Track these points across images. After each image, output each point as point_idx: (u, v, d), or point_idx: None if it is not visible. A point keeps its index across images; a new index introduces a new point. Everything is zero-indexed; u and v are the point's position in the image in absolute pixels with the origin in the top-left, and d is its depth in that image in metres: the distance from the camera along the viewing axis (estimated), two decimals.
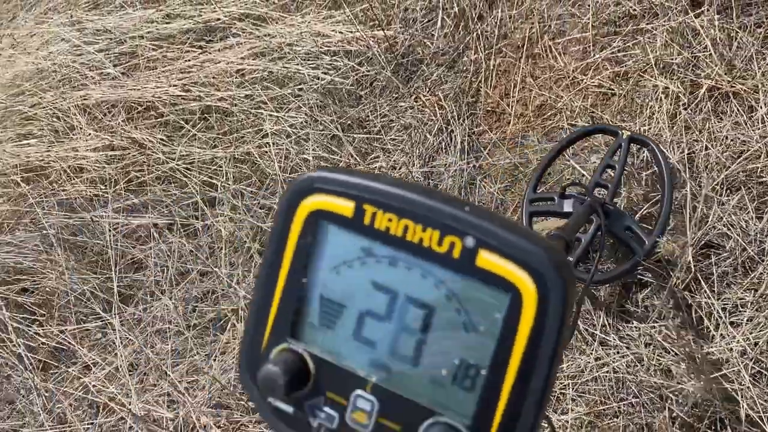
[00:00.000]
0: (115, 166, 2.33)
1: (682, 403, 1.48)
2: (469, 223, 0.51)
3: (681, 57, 1.89)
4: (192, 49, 2.56)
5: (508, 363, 0.51)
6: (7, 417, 1.84)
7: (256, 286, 0.59)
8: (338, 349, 0.57)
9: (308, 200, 0.56)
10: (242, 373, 0.60)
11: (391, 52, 2.24)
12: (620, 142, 1.71)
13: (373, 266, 0.55)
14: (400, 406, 0.55)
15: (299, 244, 0.56)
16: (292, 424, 0.58)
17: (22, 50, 2.80)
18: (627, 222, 1.65)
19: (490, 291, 0.51)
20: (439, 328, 0.53)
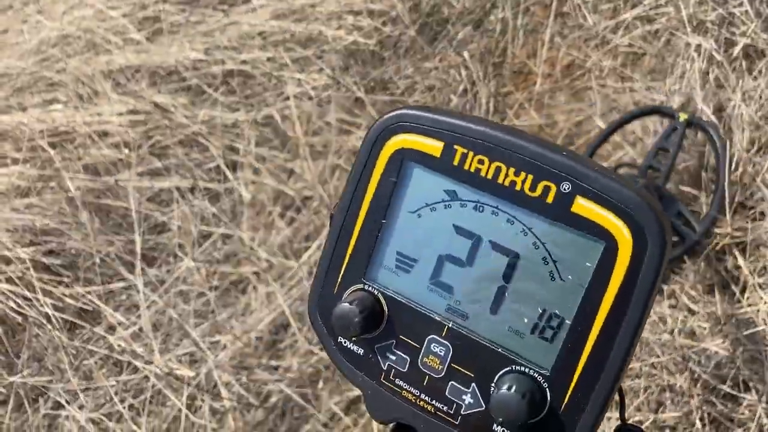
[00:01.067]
0: (139, 131, 2.33)
1: (704, 364, 1.44)
2: (567, 168, 0.49)
3: (715, 14, 1.83)
4: (215, 13, 2.55)
5: (596, 316, 0.49)
6: (35, 374, 1.87)
7: (332, 224, 0.57)
8: (414, 292, 0.55)
9: (394, 139, 0.54)
10: (312, 312, 0.59)
11: (415, 12, 2.20)
12: (676, 125, 1.64)
13: (457, 210, 0.53)
14: (475, 353, 0.53)
15: (381, 183, 0.55)
16: (361, 365, 0.57)
17: (47, 16, 2.80)
18: (678, 207, 1.61)
19: (584, 239, 0.49)
20: (523, 276, 0.52)
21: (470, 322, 0.54)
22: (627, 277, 0.48)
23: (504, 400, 0.50)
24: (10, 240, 2.07)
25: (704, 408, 1.44)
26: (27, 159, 2.35)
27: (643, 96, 1.87)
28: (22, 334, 1.96)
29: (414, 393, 0.56)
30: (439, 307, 0.55)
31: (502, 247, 0.52)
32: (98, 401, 1.81)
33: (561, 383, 0.51)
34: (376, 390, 0.57)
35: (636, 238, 0.47)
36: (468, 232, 0.53)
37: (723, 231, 1.57)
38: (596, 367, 0.49)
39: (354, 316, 0.54)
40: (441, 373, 0.55)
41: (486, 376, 0.53)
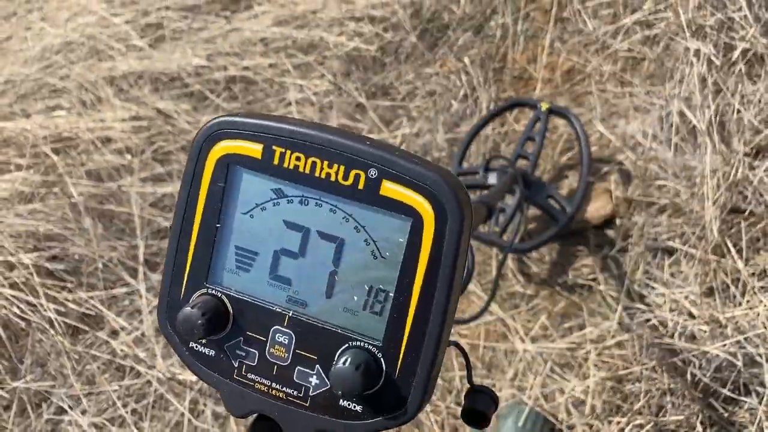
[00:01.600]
0: (141, 136, 2.35)
1: (704, 367, 1.45)
2: (371, 156, 0.54)
3: (714, 18, 1.83)
4: (217, 19, 2.56)
5: (413, 285, 0.54)
6: (38, 379, 1.88)
7: (171, 234, 0.60)
8: (256, 289, 0.58)
9: (218, 145, 0.57)
10: (161, 321, 0.61)
11: (416, 18, 2.21)
12: (539, 114, 1.75)
13: (284, 206, 0.57)
14: (315, 337, 0.57)
15: (211, 189, 0.58)
16: (213, 366, 0.59)
17: (51, 23, 2.82)
18: (549, 191, 1.72)
19: (394, 218, 0.54)
20: (350, 260, 0.56)
21: (309, 309, 0.57)
22: (434, 246, 0.53)
23: (340, 373, 0.53)
24: (14, 245, 2.09)
25: (705, 411, 1.45)
26: (30, 165, 2.36)
27: (643, 101, 1.88)
28: (25, 339, 1.96)
29: (266, 383, 0.58)
30: (280, 299, 0.58)
31: (328, 235, 0.56)
32: (101, 406, 1.82)
33: (392, 352, 0.55)
34: (230, 387, 0.59)
35: (437, 212, 0.52)
36: (297, 225, 0.57)
37: (705, 227, 1.57)
38: (420, 332, 0.54)
39: (197, 319, 0.56)
40: (287, 361, 0.58)
41: (327, 356, 0.57)
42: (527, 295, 1.78)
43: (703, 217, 1.62)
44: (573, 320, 1.71)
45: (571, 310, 1.73)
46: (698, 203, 1.66)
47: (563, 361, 1.66)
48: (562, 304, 1.74)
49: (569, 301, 1.74)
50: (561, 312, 1.74)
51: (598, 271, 1.74)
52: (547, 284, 1.78)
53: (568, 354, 1.66)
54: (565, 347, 1.66)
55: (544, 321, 1.72)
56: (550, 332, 1.71)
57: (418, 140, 2.05)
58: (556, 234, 1.68)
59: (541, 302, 1.76)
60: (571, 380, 1.61)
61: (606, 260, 1.75)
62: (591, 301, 1.72)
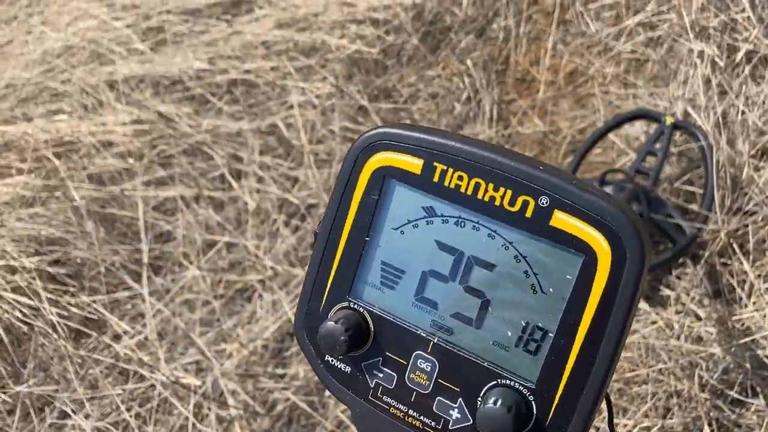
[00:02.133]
0: (143, 140, 2.34)
1: (712, 369, 1.44)
2: (544, 182, 0.50)
3: (718, 20, 1.83)
4: (218, 23, 2.56)
5: (578, 327, 0.49)
6: (41, 383, 1.87)
7: (316, 242, 0.57)
8: (399, 308, 0.56)
9: (375, 157, 0.54)
10: (299, 331, 0.59)
11: (418, 20, 2.21)
12: (663, 128, 1.66)
13: (438, 226, 0.54)
14: (461, 368, 0.54)
15: (363, 201, 0.55)
16: (348, 383, 0.57)
17: (52, 27, 2.82)
18: (668, 210, 1.62)
19: (563, 252, 0.50)
20: (505, 290, 0.52)
21: (455, 337, 0.54)
22: (607, 288, 0.48)
23: (490, 414, 0.50)
24: (16, 250, 2.08)
25: (712, 414, 1.44)
26: (32, 169, 2.35)
27: (647, 102, 1.88)
28: (27, 344, 1.96)
29: (402, 409, 0.56)
30: (424, 323, 0.55)
31: (483, 262, 0.53)
32: (104, 410, 1.81)
33: (546, 395, 0.51)
34: (364, 408, 0.57)
35: (615, 250, 0.48)
36: (450, 248, 0.54)
37: (716, 230, 1.57)
38: (581, 379, 0.50)
39: (340, 335, 0.54)
40: (428, 389, 0.55)
41: (472, 390, 0.53)
42: None
43: (709, 218, 1.61)
44: None
45: None
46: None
47: None
48: None
49: None
50: None
51: None
52: None
53: None
54: None
55: None
56: None
57: None
58: (673, 256, 1.59)
59: None
60: None
61: None
62: None
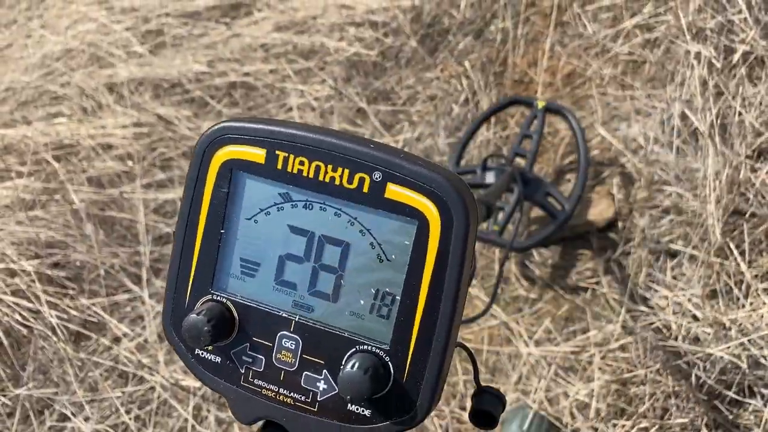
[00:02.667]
0: (143, 143, 2.35)
1: (709, 370, 1.45)
2: (376, 159, 0.53)
3: (714, 21, 1.84)
4: (217, 26, 2.57)
5: (420, 287, 0.54)
6: (41, 386, 1.88)
7: (174, 240, 0.59)
8: (261, 294, 0.58)
9: (221, 150, 0.56)
10: (166, 327, 0.61)
11: (417, 23, 2.22)
12: (536, 112, 1.75)
13: (289, 211, 0.56)
14: (322, 341, 0.57)
15: (215, 195, 0.57)
16: (220, 373, 0.59)
17: (51, 30, 2.83)
18: (547, 189, 1.70)
19: (399, 221, 0.54)
20: (356, 263, 0.56)
21: (315, 314, 0.57)
22: (440, 248, 0.53)
23: (348, 378, 0.53)
24: (15, 253, 2.08)
25: (710, 414, 1.45)
26: (32, 172, 2.36)
27: (644, 104, 1.89)
28: (27, 347, 1.96)
29: (273, 389, 0.58)
30: (286, 305, 0.58)
31: (334, 239, 0.56)
32: (104, 413, 1.82)
33: (400, 355, 0.55)
34: (238, 393, 0.59)
35: (442, 214, 0.52)
36: (302, 230, 0.56)
37: (708, 230, 1.57)
38: (428, 335, 0.54)
39: (203, 326, 0.55)
40: (294, 366, 0.57)
41: (335, 360, 0.56)
42: (531, 299, 1.78)
43: (706, 219, 1.62)
44: (577, 324, 1.71)
45: (574, 314, 1.73)
46: (700, 206, 1.66)
47: (567, 365, 1.66)
48: (565, 308, 1.74)
49: (573, 305, 1.74)
50: (564, 315, 1.73)
51: (601, 275, 1.75)
52: (551, 288, 1.78)
53: (572, 357, 1.66)
54: (569, 351, 1.66)
55: (548, 325, 1.72)
56: (553, 336, 1.71)
57: (420, 144, 2.06)
58: (555, 231, 1.68)
59: (544, 306, 1.76)
60: (575, 384, 1.61)
61: (609, 263, 1.75)
62: (594, 305, 1.72)
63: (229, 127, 0.56)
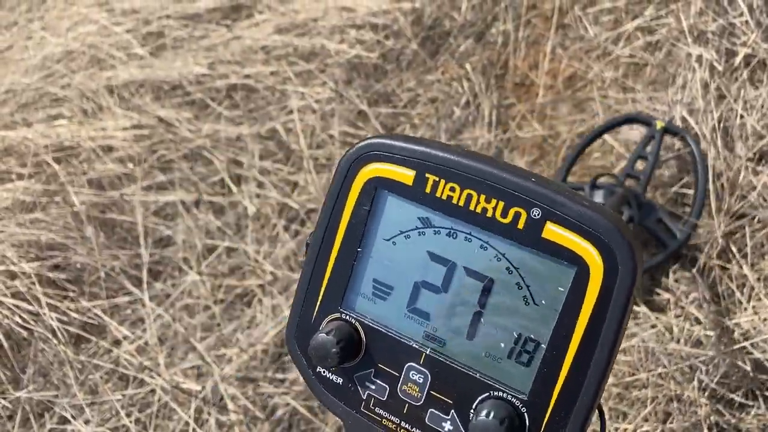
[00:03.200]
0: (143, 145, 2.34)
1: (711, 373, 1.44)
2: (536, 194, 0.50)
3: (716, 24, 1.84)
4: (218, 28, 2.57)
5: (570, 339, 0.49)
6: (41, 388, 1.87)
7: (308, 252, 0.57)
8: (391, 320, 0.56)
9: (367, 167, 0.54)
10: (290, 342, 0.59)
11: (417, 25, 2.22)
12: (653, 132, 1.66)
13: (431, 237, 0.53)
14: (453, 380, 0.53)
15: (355, 212, 0.55)
16: (340, 395, 0.57)
17: (52, 32, 2.83)
18: (659, 214, 1.62)
19: (555, 263, 0.50)
20: (498, 302, 0.52)
21: (448, 349, 0.54)
22: (599, 300, 0.48)
23: (483, 426, 0.50)
24: (16, 255, 2.08)
25: (712, 418, 1.44)
26: (32, 174, 2.36)
27: (645, 107, 1.88)
28: (27, 349, 1.96)
29: (394, 421, 0.56)
30: (417, 334, 0.55)
31: (476, 273, 0.53)
32: (104, 416, 1.81)
33: (539, 407, 0.51)
34: (356, 419, 0.57)
35: (606, 262, 0.48)
36: (442, 259, 0.53)
37: (711, 232, 1.57)
38: (573, 391, 0.50)
39: (332, 347, 0.54)
40: (420, 401, 0.55)
41: (465, 402, 0.53)
42: None
43: (708, 222, 1.62)
44: None
45: None
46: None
47: None
48: None
49: None
50: None
51: None
52: None
53: None
54: None
55: None
56: None
57: None
58: (665, 259, 1.60)
59: None
60: None
61: None
62: None
63: (378, 144, 0.54)
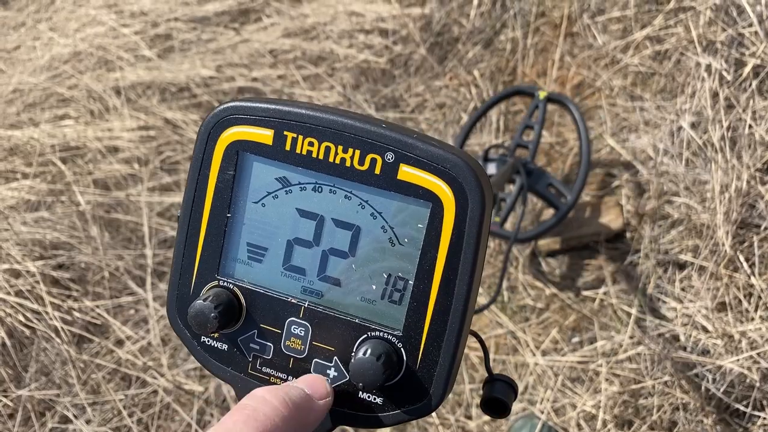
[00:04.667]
0: (149, 146, 2.35)
1: (718, 382, 1.43)
2: (388, 139, 0.52)
3: (725, 35, 1.84)
4: (226, 31, 2.57)
5: (434, 271, 0.52)
6: (43, 387, 1.86)
7: (179, 225, 0.57)
8: (269, 280, 0.56)
9: (227, 132, 0.55)
10: (171, 315, 0.59)
11: (426, 31, 2.22)
12: (537, 102, 1.73)
13: (297, 194, 0.55)
14: (333, 327, 0.55)
15: (220, 178, 0.55)
16: (227, 361, 0.58)
17: (60, 33, 2.83)
18: (548, 180, 1.69)
19: (412, 203, 0.52)
20: (367, 247, 0.54)
21: (325, 299, 0.55)
22: (455, 232, 0.51)
23: (361, 365, 0.51)
24: (20, 253, 2.08)
25: (718, 427, 1.43)
26: (37, 174, 2.36)
27: (654, 115, 1.88)
28: (30, 348, 1.95)
29: (281, 377, 0.57)
30: (295, 290, 0.56)
31: (344, 223, 0.54)
32: (106, 415, 1.80)
33: (413, 341, 0.53)
34: (245, 382, 0.58)
35: (457, 196, 0.50)
36: (311, 214, 0.55)
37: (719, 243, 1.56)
38: (441, 321, 0.52)
39: (209, 312, 0.54)
40: (304, 353, 0.56)
41: (345, 347, 0.55)
42: (538, 308, 1.77)
43: (715, 231, 1.61)
44: (584, 334, 1.70)
45: (582, 324, 1.72)
46: (710, 217, 1.65)
47: (574, 375, 1.64)
48: (573, 318, 1.73)
49: (580, 315, 1.73)
50: (572, 325, 1.73)
51: (609, 285, 1.74)
52: (558, 298, 1.77)
53: (579, 368, 1.65)
54: (576, 361, 1.65)
55: (555, 334, 1.71)
56: (560, 346, 1.70)
57: None
58: (557, 222, 1.66)
59: (551, 315, 1.75)
60: (582, 394, 1.60)
61: (617, 274, 1.75)
62: (602, 315, 1.71)
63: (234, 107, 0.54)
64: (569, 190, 1.67)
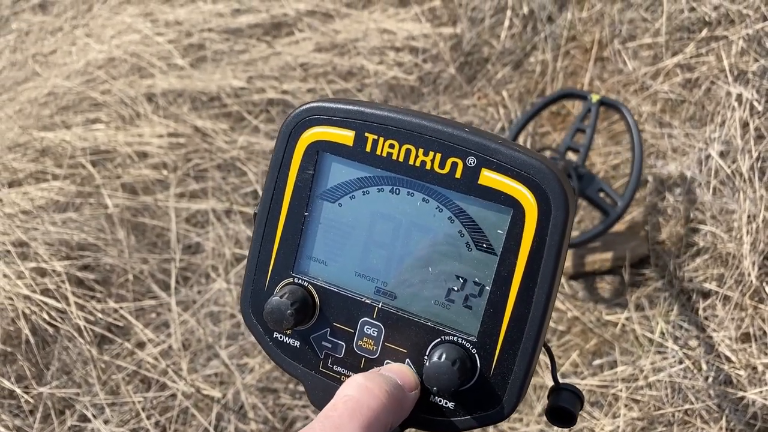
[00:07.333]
0: (178, 153, 2.38)
1: (741, 412, 1.42)
2: (471, 143, 0.51)
3: (757, 65, 1.84)
4: (258, 43, 2.61)
5: (512, 279, 0.51)
6: (63, 385, 1.89)
7: (256, 222, 0.58)
8: (343, 279, 0.57)
9: (308, 132, 0.56)
10: (245, 311, 0.60)
11: (456, 51, 2.24)
12: (589, 105, 1.71)
13: (374, 195, 0.55)
14: (406, 330, 0.55)
15: (299, 177, 0.56)
16: (298, 357, 0.58)
17: (96, 39, 2.89)
18: (599, 185, 1.66)
19: (493, 208, 0.52)
20: (442, 251, 0.54)
21: (399, 301, 0.55)
22: (536, 239, 0.50)
23: (435, 369, 0.51)
24: (47, 253, 2.11)
25: None
26: (67, 175, 2.40)
27: (682, 142, 1.88)
28: (52, 346, 1.98)
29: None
30: (368, 291, 0.56)
31: (420, 226, 0.54)
32: (124, 417, 1.82)
33: (488, 347, 0.53)
34: (315, 380, 0.58)
35: (540, 202, 0.50)
36: (388, 216, 0.55)
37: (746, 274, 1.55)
38: (518, 328, 0.51)
39: (286, 309, 0.55)
40: (376, 354, 0.56)
41: (418, 350, 0.55)
42: (559, 330, 1.77)
43: (741, 261, 1.60)
44: (604, 358, 1.70)
45: (602, 348, 1.71)
46: (736, 247, 1.64)
47: (593, 399, 1.64)
48: (593, 342, 1.72)
49: (601, 339, 1.72)
50: (592, 349, 1.72)
51: (632, 310, 1.73)
52: (580, 321, 1.77)
53: (598, 392, 1.64)
54: (596, 385, 1.64)
55: (575, 358, 1.71)
56: (580, 369, 1.69)
57: None
58: (607, 227, 1.63)
59: (572, 338, 1.74)
60: (600, 419, 1.59)
61: (640, 300, 1.74)
62: (623, 340, 1.70)
63: (316, 108, 0.55)
64: (620, 197, 1.63)
